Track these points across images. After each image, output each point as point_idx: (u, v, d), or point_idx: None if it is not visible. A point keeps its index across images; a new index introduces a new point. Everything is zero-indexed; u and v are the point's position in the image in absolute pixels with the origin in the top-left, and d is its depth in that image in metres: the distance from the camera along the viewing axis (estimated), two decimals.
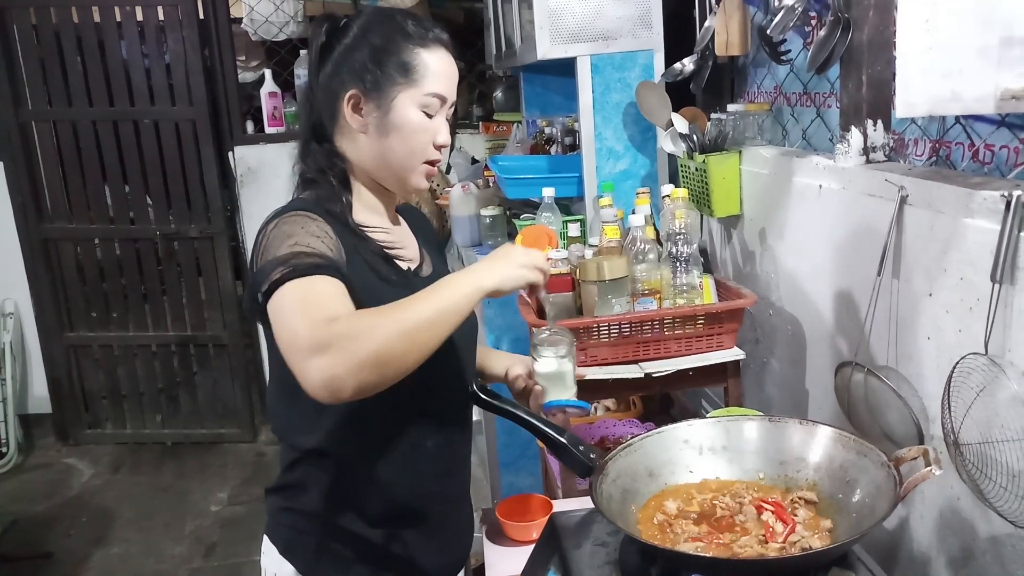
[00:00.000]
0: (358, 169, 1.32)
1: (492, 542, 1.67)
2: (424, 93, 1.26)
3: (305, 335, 1.02)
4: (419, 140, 1.28)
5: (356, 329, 1.03)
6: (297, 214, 1.19)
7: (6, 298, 4.23)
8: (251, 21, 4.12)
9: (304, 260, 1.10)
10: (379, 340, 1.02)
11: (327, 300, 1.07)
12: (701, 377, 1.91)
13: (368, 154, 1.29)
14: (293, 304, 1.07)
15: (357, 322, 1.04)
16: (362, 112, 1.27)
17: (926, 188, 1.37)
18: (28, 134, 4.05)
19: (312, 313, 1.04)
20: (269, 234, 1.16)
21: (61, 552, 3.34)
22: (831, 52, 1.62)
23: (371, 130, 1.27)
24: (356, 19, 1.30)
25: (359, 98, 1.26)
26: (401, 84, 1.25)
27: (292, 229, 1.15)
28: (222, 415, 4.38)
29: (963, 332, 1.30)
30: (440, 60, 1.28)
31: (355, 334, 1.02)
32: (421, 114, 1.27)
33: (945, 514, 1.39)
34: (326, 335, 1.01)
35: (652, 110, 2.28)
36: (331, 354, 1.00)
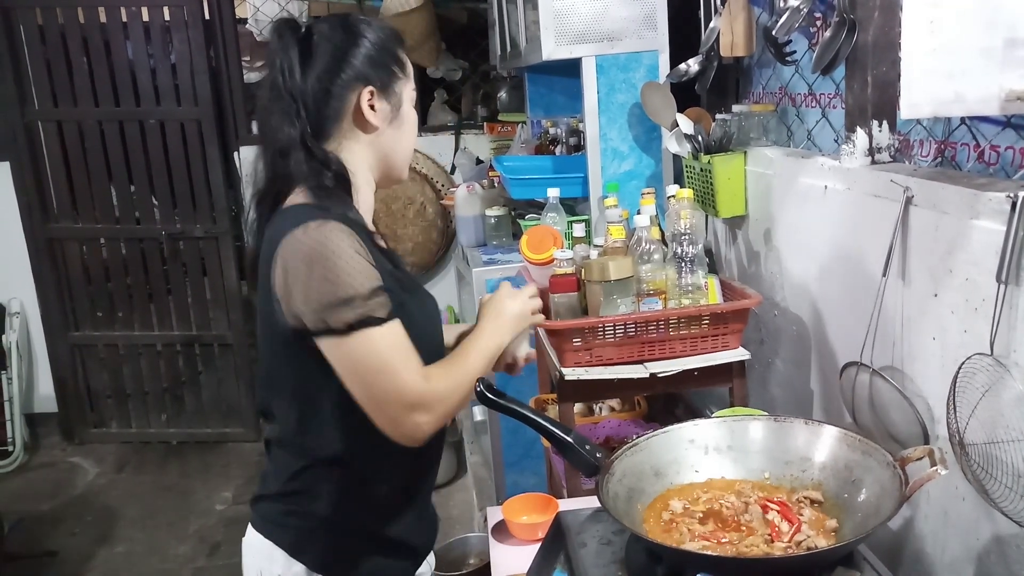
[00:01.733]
0: (360, 168, 1.33)
1: (497, 541, 1.67)
2: (412, 87, 1.38)
3: (411, 392, 1.18)
4: (414, 135, 1.40)
5: (445, 389, 1.22)
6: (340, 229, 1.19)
7: (12, 297, 4.25)
8: (256, 22, 4.13)
9: (377, 303, 1.17)
10: (460, 398, 1.25)
11: (408, 351, 1.20)
12: (706, 377, 1.91)
13: (377, 149, 1.34)
14: (385, 356, 1.18)
15: (443, 382, 1.23)
16: (376, 109, 1.31)
17: (931, 189, 1.37)
18: (34, 134, 4.07)
19: (407, 367, 1.18)
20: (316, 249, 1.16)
21: (66, 551, 3.35)
22: (836, 53, 1.62)
23: (386, 126, 1.33)
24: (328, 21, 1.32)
25: (374, 95, 1.30)
26: (402, 79, 1.34)
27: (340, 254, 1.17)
28: (226, 415, 4.39)
29: (968, 332, 1.31)
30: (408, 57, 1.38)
31: (445, 394, 1.22)
32: (413, 109, 1.38)
33: (950, 514, 1.39)
34: (426, 395, 1.19)
35: (657, 111, 2.28)
36: (430, 412, 1.19)
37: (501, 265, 2.72)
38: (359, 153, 1.33)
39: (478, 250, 3.03)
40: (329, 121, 1.30)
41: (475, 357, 1.30)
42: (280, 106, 1.28)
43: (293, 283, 1.18)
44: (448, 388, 1.22)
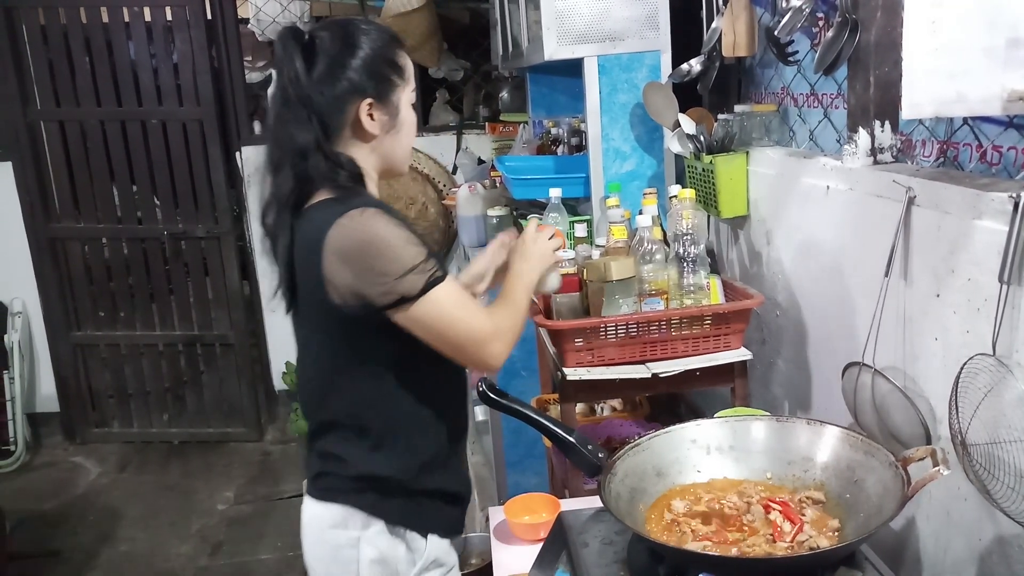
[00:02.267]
0: (366, 169, 1.43)
1: (499, 541, 1.68)
2: (411, 89, 1.44)
3: (481, 330, 1.35)
4: (413, 133, 1.48)
5: (506, 321, 1.41)
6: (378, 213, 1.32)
7: (14, 297, 4.25)
8: (258, 22, 4.13)
9: (434, 265, 1.31)
10: (518, 327, 1.43)
11: (468, 298, 1.39)
12: (708, 377, 1.91)
13: (378, 154, 1.43)
14: (454, 305, 1.33)
15: (504, 315, 1.42)
16: (375, 117, 1.39)
17: (933, 189, 1.38)
18: (36, 134, 4.07)
19: (473, 309, 1.37)
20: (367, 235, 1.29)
21: (68, 550, 3.36)
22: (838, 53, 1.62)
23: (382, 132, 1.41)
24: (329, 29, 1.38)
25: (372, 106, 1.38)
26: (400, 85, 1.41)
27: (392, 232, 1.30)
28: (228, 414, 4.40)
29: (970, 333, 1.31)
30: (408, 59, 1.45)
31: (508, 325, 1.40)
32: (412, 110, 1.45)
33: (952, 514, 1.39)
34: (491, 328, 1.37)
35: (659, 111, 2.28)
36: (500, 341, 1.38)
37: None
38: (361, 157, 1.43)
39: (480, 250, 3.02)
40: (333, 128, 1.38)
41: (520, 292, 1.48)
42: (292, 114, 1.35)
43: (353, 269, 1.29)
44: (508, 319, 1.42)
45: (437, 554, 1.50)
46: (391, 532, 1.45)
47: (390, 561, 1.45)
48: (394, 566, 1.46)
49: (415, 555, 1.47)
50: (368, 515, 1.44)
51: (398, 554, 1.46)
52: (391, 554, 1.45)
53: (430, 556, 1.49)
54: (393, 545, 1.45)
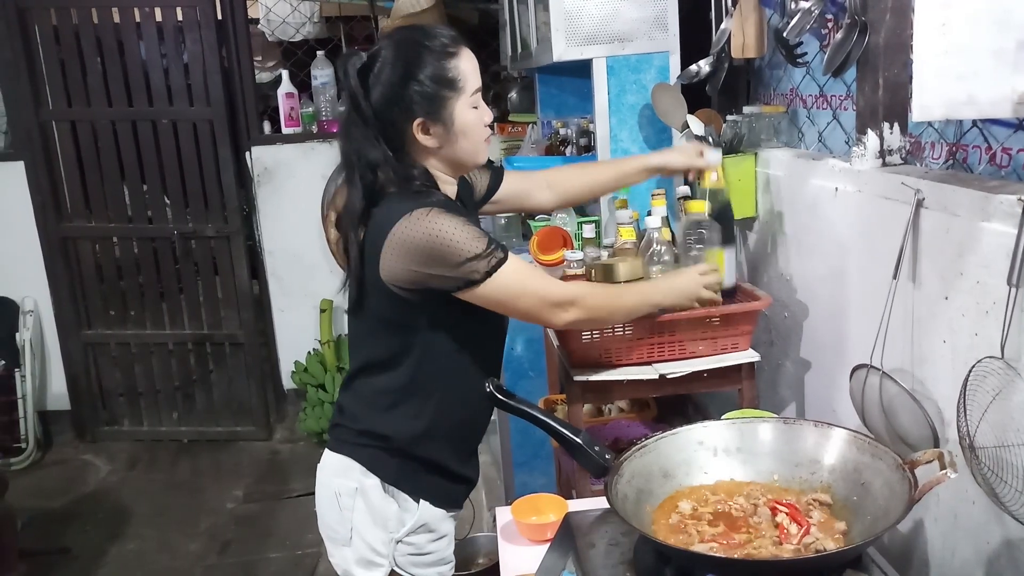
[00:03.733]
0: (436, 172, 1.54)
1: (506, 541, 1.68)
2: (470, 95, 1.49)
3: (555, 293, 1.52)
4: (477, 132, 1.52)
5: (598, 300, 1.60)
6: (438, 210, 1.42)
7: (26, 296, 4.28)
8: (268, 22, 4.15)
9: (497, 249, 1.43)
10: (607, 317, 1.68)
11: (532, 269, 1.52)
12: (716, 379, 1.91)
13: (442, 159, 1.53)
14: (519, 281, 1.46)
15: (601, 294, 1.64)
16: (431, 132, 1.48)
17: (942, 191, 1.37)
18: (48, 134, 4.09)
19: (543, 279, 1.53)
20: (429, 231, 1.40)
21: (78, 547, 3.37)
22: (847, 55, 1.62)
23: (442, 142, 1.50)
24: (384, 52, 1.46)
25: (425, 123, 1.47)
26: (452, 97, 1.47)
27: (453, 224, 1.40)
28: (237, 413, 4.41)
29: (979, 335, 1.30)
30: (468, 60, 1.49)
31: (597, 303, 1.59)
32: (474, 111, 1.50)
33: (960, 517, 1.39)
34: (574, 294, 1.53)
35: (667, 112, 2.29)
36: (578, 308, 1.53)
37: None
38: (429, 164, 1.53)
39: None
40: (397, 144, 1.50)
41: (637, 297, 1.70)
42: (359, 132, 1.48)
43: (418, 264, 1.41)
44: (600, 300, 1.60)
45: (428, 519, 1.59)
46: (385, 490, 1.55)
47: (380, 516, 1.56)
48: (383, 522, 1.56)
49: (405, 515, 1.57)
50: (366, 469, 1.55)
51: (389, 511, 1.56)
52: (382, 510, 1.56)
53: (420, 520, 1.58)
54: (385, 502, 1.55)
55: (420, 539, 1.60)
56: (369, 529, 1.57)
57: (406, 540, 1.58)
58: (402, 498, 1.57)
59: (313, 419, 4.10)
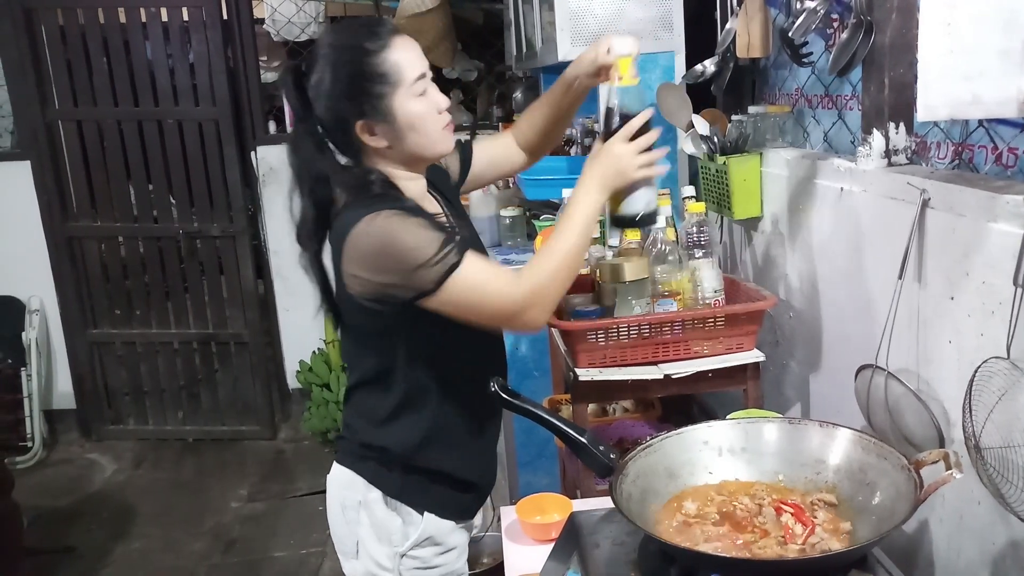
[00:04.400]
0: (394, 171, 1.46)
1: (511, 541, 1.68)
2: (409, 84, 1.39)
3: (508, 301, 1.34)
4: (427, 122, 1.42)
5: (538, 281, 1.34)
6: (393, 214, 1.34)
7: (32, 295, 4.29)
8: (273, 22, 4.16)
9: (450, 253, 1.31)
10: (558, 281, 1.36)
11: (491, 270, 1.35)
12: (720, 379, 1.91)
13: (396, 157, 1.45)
14: (474, 286, 1.33)
15: (534, 277, 1.34)
16: (375, 132, 1.41)
17: (948, 191, 1.37)
18: (54, 133, 4.11)
19: (499, 283, 1.34)
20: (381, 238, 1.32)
21: (83, 546, 3.39)
22: (853, 54, 1.62)
23: (390, 141, 1.42)
24: (317, 55, 1.40)
25: (367, 124, 1.40)
26: (388, 92, 1.38)
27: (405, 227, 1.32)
28: (242, 412, 4.42)
29: (985, 336, 1.30)
30: (403, 49, 1.39)
31: (540, 286, 1.34)
32: (418, 100, 1.40)
33: (965, 518, 1.39)
34: (525, 295, 1.33)
35: (672, 111, 2.28)
36: (534, 307, 1.34)
37: (516, 265, 2.72)
38: (388, 163, 1.46)
39: (493, 250, 3.04)
40: (351, 150, 1.44)
41: (570, 230, 1.38)
42: (309, 142, 1.42)
43: (373, 272, 1.34)
44: (544, 278, 1.35)
45: (433, 532, 1.53)
46: (387, 503, 1.51)
47: (384, 530, 1.52)
48: (387, 536, 1.52)
49: (409, 529, 1.52)
50: (368, 483, 1.51)
51: (393, 525, 1.51)
52: (386, 524, 1.52)
53: (425, 532, 1.53)
54: (389, 516, 1.51)
55: (426, 552, 1.54)
56: (374, 543, 1.53)
57: (411, 554, 1.53)
58: (405, 511, 1.52)
59: (318, 418, 4.10)
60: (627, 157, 1.39)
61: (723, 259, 2.44)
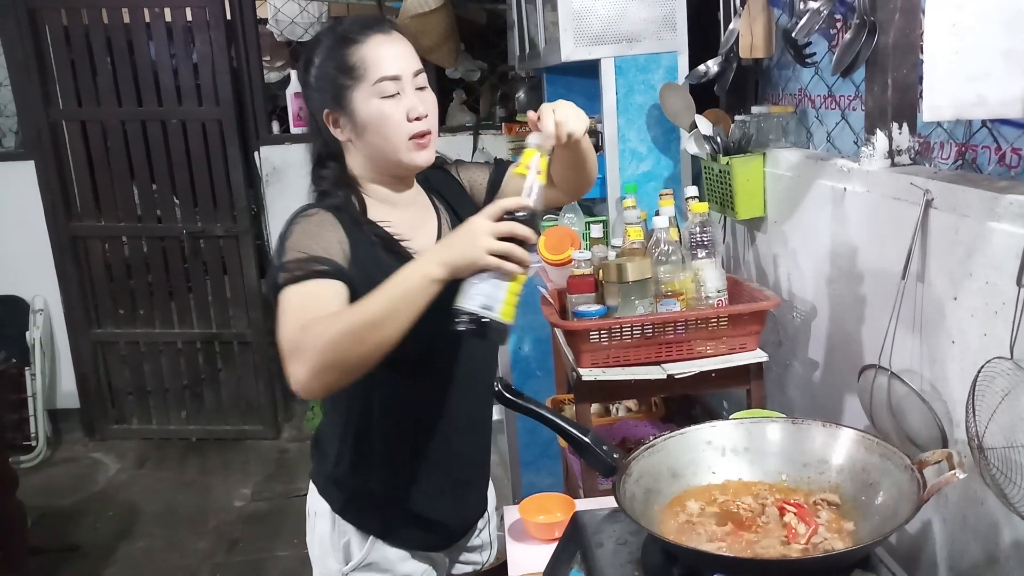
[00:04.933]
0: (365, 173, 1.43)
1: (514, 540, 1.68)
2: (373, 82, 1.34)
3: (283, 341, 1.17)
4: (390, 124, 1.35)
5: (313, 336, 1.13)
6: (308, 215, 1.34)
7: (36, 294, 4.30)
8: (276, 22, 4.16)
9: (301, 266, 1.24)
10: (331, 345, 1.12)
11: (314, 304, 1.20)
12: (724, 379, 1.91)
13: (362, 157, 1.42)
14: (284, 310, 1.22)
15: (315, 328, 1.14)
16: (340, 125, 1.39)
17: (951, 192, 1.37)
18: (58, 133, 4.12)
19: (295, 318, 1.18)
20: (283, 237, 1.31)
21: (87, 545, 3.40)
22: (856, 55, 1.62)
23: (352, 136, 1.39)
24: (312, 49, 1.42)
25: (333, 116, 1.39)
26: (351, 85, 1.35)
27: (300, 231, 1.30)
28: (245, 412, 4.43)
29: (988, 336, 1.30)
30: (379, 46, 1.35)
31: (311, 341, 1.13)
32: (381, 101, 1.34)
33: (968, 518, 1.39)
34: (294, 343, 1.15)
35: (676, 112, 2.29)
36: (297, 361, 1.14)
37: None
38: (356, 160, 1.43)
39: None
40: (332, 142, 1.42)
41: (378, 291, 1.15)
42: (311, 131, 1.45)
43: None
44: (316, 337, 1.12)
45: (377, 559, 1.48)
46: (333, 521, 1.48)
47: (331, 546, 1.49)
48: (333, 552, 1.49)
49: (353, 549, 1.47)
50: (319, 494, 1.51)
51: (339, 543, 1.48)
52: (333, 540, 1.49)
53: (369, 558, 1.47)
54: (335, 532, 1.48)
55: None
56: (320, 558, 1.51)
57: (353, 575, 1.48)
58: (351, 530, 1.47)
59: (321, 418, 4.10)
60: (481, 235, 1.14)
61: (726, 259, 2.44)
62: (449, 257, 1.14)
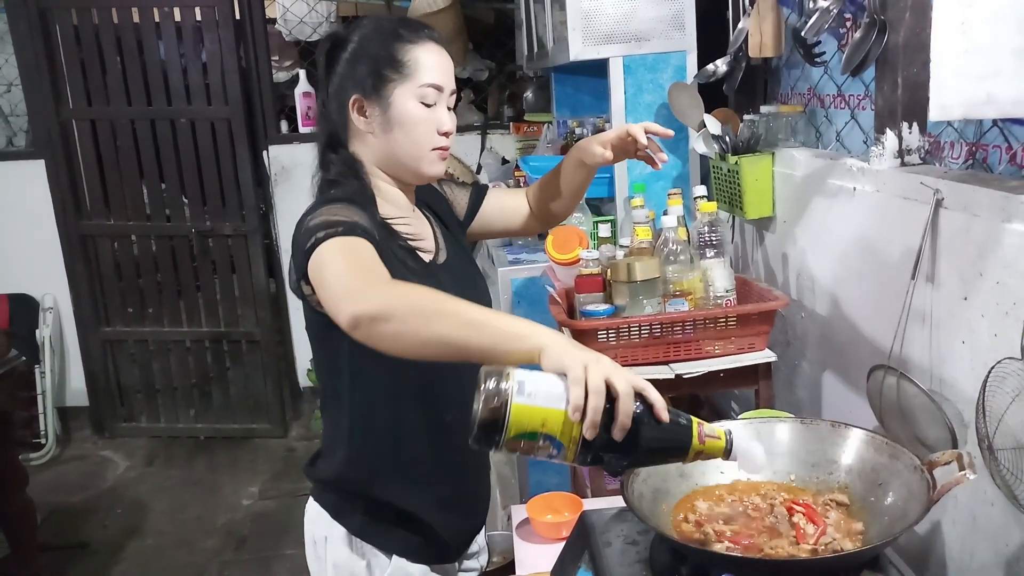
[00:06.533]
0: (374, 168, 1.42)
1: (522, 539, 1.68)
2: (419, 85, 1.35)
3: (350, 284, 1.10)
4: (421, 130, 1.37)
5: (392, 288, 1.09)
6: (332, 205, 1.28)
7: (45, 293, 4.32)
8: (285, 22, 4.17)
9: (343, 225, 1.20)
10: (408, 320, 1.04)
11: (364, 253, 1.17)
12: (732, 379, 1.91)
13: (379, 152, 1.40)
14: (330, 258, 1.15)
15: (398, 285, 1.11)
16: (367, 114, 1.38)
17: (962, 191, 1.36)
18: (68, 132, 4.14)
19: (351, 264, 1.14)
20: (307, 223, 1.25)
21: (96, 542, 3.41)
22: (866, 54, 1.61)
23: (377, 129, 1.38)
24: (354, 32, 1.40)
25: (362, 102, 1.37)
26: (396, 80, 1.35)
27: (326, 211, 1.25)
28: (253, 410, 4.44)
29: (999, 336, 1.29)
30: (431, 53, 1.37)
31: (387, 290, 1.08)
32: (420, 105, 1.36)
33: (978, 519, 1.38)
34: (358, 284, 1.10)
35: (684, 111, 2.28)
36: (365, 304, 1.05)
37: (527, 265, 2.73)
38: (366, 155, 1.41)
39: (503, 249, 3.04)
40: (341, 128, 1.41)
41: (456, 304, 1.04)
42: (321, 112, 1.43)
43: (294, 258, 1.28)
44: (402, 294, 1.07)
45: None
46: (351, 544, 1.41)
47: (348, 572, 1.41)
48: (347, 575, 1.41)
49: (374, 572, 1.41)
50: (331, 517, 1.42)
51: (356, 568, 1.41)
52: (350, 566, 1.41)
53: None
54: (352, 558, 1.41)
55: None
56: None
57: None
58: (371, 551, 1.41)
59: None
60: (605, 367, 0.95)
61: (735, 259, 2.43)
62: (556, 343, 0.97)
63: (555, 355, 0.96)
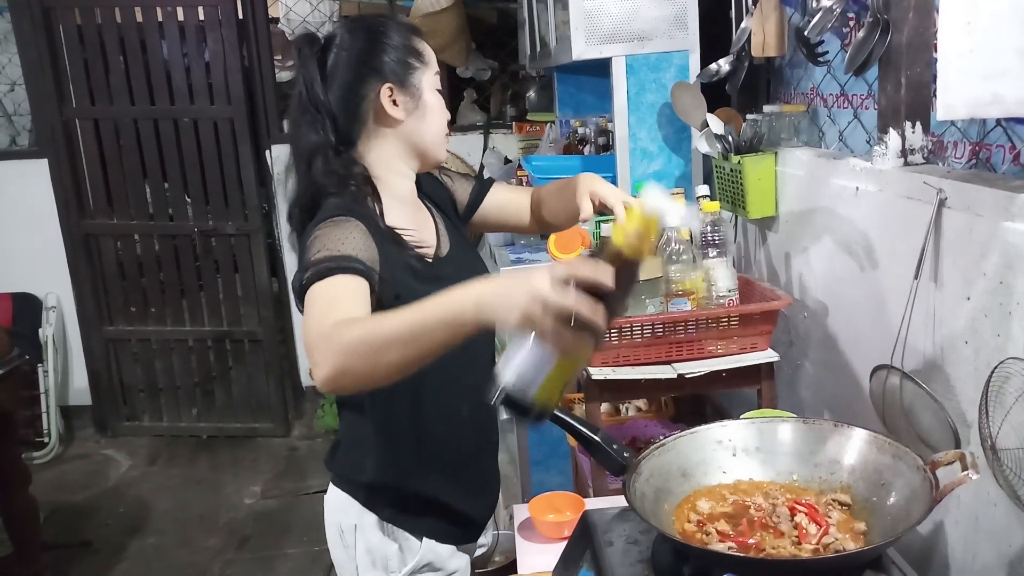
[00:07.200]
0: (383, 164, 1.42)
1: (524, 539, 1.68)
2: (434, 73, 1.44)
3: (305, 336, 1.13)
4: (438, 116, 1.45)
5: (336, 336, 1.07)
6: (333, 220, 1.29)
7: (48, 292, 4.33)
8: (288, 21, 4.18)
9: (327, 263, 1.21)
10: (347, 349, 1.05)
11: (338, 297, 1.18)
12: (734, 379, 1.91)
13: (405, 140, 1.42)
14: (308, 306, 1.18)
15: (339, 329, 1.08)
16: (397, 103, 1.38)
17: (965, 191, 1.36)
18: (71, 131, 4.14)
19: (319, 314, 1.15)
20: (307, 242, 1.28)
21: (99, 541, 3.42)
22: (869, 53, 1.61)
23: (409, 118, 1.40)
24: (342, 32, 1.41)
25: (392, 91, 1.38)
26: (420, 68, 1.41)
27: (325, 234, 1.26)
28: (256, 410, 4.44)
29: (1002, 336, 1.29)
30: (429, 48, 1.45)
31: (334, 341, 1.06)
32: (436, 92, 1.44)
33: (981, 520, 1.38)
34: (314, 339, 1.10)
35: (687, 111, 2.28)
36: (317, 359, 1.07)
37: (529, 264, 2.73)
38: (388, 148, 1.42)
39: (506, 249, 3.04)
40: (356, 125, 1.40)
41: (392, 320, 1.04)
42: (307, 118, 1.38)
43: None
44: (341, 339, 1.06)
45: (432, 558, 1.48)
46: (383, 529, 1.46)
47: (381, 556, 1.46)
48: (384, 562, 1.47)
49: (407, 555, 1.46)
50: (363, 506, 1.46)
51: (389, 551, 1.46)
52: (382, 550, 1.46)
53: (424, 559, 1.47)
54: (384, 542, 1.46)
55: None
56: (369, 570, 1.47)
57: None
58: (402, 536, 1.46)
59: (331, 416, 4.12)
60: (532, 296, 0.93)
61: (737, 258, 2.43)
62: (487, 302, 0.98)
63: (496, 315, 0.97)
